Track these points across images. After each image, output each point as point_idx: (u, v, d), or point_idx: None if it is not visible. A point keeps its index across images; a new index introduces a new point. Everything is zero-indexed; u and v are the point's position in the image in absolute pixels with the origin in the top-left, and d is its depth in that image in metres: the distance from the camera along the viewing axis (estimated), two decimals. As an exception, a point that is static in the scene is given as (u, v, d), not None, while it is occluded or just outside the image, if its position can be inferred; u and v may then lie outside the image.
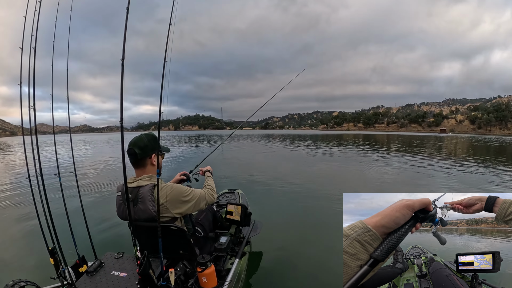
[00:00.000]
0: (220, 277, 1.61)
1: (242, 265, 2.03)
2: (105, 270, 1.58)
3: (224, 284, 1.52)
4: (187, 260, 1.60)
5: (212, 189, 1.80)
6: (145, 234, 1.68)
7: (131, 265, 1.64)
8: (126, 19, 1.25)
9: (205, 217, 2.05)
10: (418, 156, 12.57)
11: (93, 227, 3.71)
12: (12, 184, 7.04)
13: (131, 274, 1.54)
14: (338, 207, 4.12)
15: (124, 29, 1.22)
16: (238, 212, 2.12)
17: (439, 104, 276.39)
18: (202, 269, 1.42)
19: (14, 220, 4.24)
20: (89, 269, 1.55)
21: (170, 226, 1.58)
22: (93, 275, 1.52)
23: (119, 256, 1.73)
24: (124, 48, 1.21)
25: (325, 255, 2.73)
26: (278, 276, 2.37)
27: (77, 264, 1.55)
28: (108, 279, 1.50)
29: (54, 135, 2.05)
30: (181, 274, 1.48)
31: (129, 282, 1.47)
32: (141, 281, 1.31)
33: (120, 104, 1.23)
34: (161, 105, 1.37)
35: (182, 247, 1.69)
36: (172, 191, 1.52)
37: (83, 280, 1.49)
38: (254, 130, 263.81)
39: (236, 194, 3.17)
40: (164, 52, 1.37)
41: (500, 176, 7.52)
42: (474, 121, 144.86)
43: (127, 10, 1.26)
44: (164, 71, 1.37)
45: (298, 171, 8.42)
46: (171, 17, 1.42)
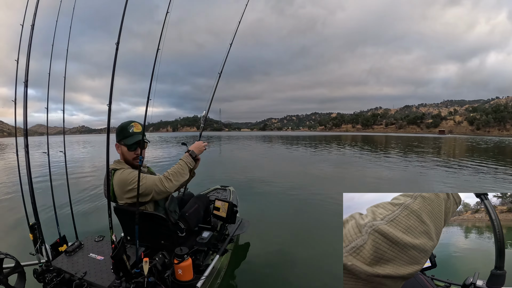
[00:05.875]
0: (198, 272, 1.59)
1: (223, 262, 2.02)
2: (84, 251, 1.60)
3: (200, 279, 1.50)
4: (168, 251, 1.61)
5: (168, 176, 1.57)
6: (124, 219, 1.69)
7: (109, 249, 1.65)
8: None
9: (195, 211, 1.99)
10: (418, 157, 12.60)
11: (78, 209, 3.73)
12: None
13: (108, 258, 1.55)
14: (335, 207, 4.06)
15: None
16: (225, 208, 2.09)
17: (437, 106, 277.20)
18: (178, 261, 1.40)
19: (4, 196, 4.26)
20: (68, 249, 1.56)
21: (149, 213, 1.58)
22: (71, 255, 1.54)
23: (99, 239, 1.74)
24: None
25: (318, 257, 2.62)
26: (261, 275, 2.30)
27: (57, 243, 1.57)
28: (85, 260, 1.52)
29: (48, 110, 2.04)
30: (159, 264, 1.46)
31: (105, 266, 1.48)
32: (114, 266, 1.31)
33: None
34: (149, 96, 1.41)
35: (164, 237, 1.69)
36: (119, 179, 1.54)
37: (61, 259, 1.50)
38: (252, 131, 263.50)
39: (228, 190, 3.17)
40: (159, 40, 1.41)
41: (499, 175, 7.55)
42: (473, 122, 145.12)
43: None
44: (156, 59, 1.41)
45: (297, 171, 8.39)
46: (169, 6, 1.47)
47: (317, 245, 2.91)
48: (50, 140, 2.03)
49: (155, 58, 1.41)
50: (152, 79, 1.41)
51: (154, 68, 1.41)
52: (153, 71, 1.41)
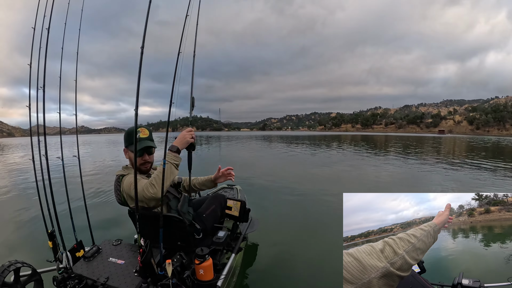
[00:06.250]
0: (216, 271, 1.59)
1: (237, 260, 2.03)
2: (102, 256, 1.57)
3: (219, 278, 1.51)
4: (184, 252, 1.59)
5: (152, 181, 1.41)
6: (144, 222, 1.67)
7: (128, 253, 1.63)
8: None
9: (212, 212, 1.97)
10: (417, 157, 12.59)
11: (93, 214, 3.69)
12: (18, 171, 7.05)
13: (128, 261, 1.53)
14: (336, 206, 4.06)
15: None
16: (237, 207, 2.10)
17: (436, 105, 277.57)
18: (200, 262, 1.41)
19: (18, 204, 4.24)
20: (86, 254, 1.54)
21: (165, 215, 1.57)
22: (90, 260, 1.51)
23: (117, 243, 1.71)
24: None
25: (322, 254, 2.67)
26: (272, 273, 2.34)
27: (75, 248, 1.55)
28: (105, 265, 1.49)
29: (60, 115, 2.01)
30: (178, 265, 1.47)
31: (126, 270, 1.46)
32: (141, 269, 1.31)
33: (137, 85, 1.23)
34: (171, 104, 1.45)
35: (181, 238, 1.68)
36: (125, 184, 1.56)
37: (80, 265, 1.47)
38: (252, 131, 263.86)
39: (235, 189, 3.15)
40: (179, 43, 1.40)
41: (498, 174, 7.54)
42: (473, 121, 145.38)
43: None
44: (178, 61, 1.41)
45: (296, 171, 8.39)
46: (187, 8, 1.49)
47: (318, 243, 2.94)
48: (52, 140, 2.00)
49: (176, 62, 1.41)
50: (174, 84, 1.40)
51: (175, 72, 1.40)
52: (175, 75, 1.40)
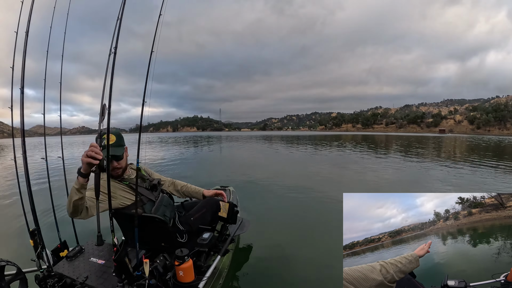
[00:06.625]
0: (200, 273, 1.59)
1: (225, 262, 2.02)
2: (85, 256, 1.59)
3: (201, 280, 1.50)
4: (168, 253, 1.59)
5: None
6: (123, 222, 1.67)
7: (110, 253, 1.64)
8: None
9: (201, 216, 1.97)
10: (417, 157, 12.57)
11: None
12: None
13: (108, 262, 1.55)
14: (335, 207, 4.06)
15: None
16: (226, 209, 2.10)
17: (437, 105, 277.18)
18: (179, 263, 1.41)
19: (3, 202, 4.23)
20: (69, 254, 1.56)
21: (147, 216, 1.57)
22: (72, 260, 1.54)
23: (100, 244, 1.71)
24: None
25: (319, 257, 2.63)
26: (263, 274, 2.31)
27: (58, 248, 1.57)
28: (86, 264, 1.52)
29: (44, 116, 2.03)
30: (160, 266, 1.47)
31: (106, 270, 1.48)
32: (116, 269, 1.31)
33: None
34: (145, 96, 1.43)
35: (164, 239, 1.68)
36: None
37: (62, 264, 1.50)
38: (253, 131, 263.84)
39: (228, 190, 3.15)
40: (152, 42, 1.41)
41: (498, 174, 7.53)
42: (473, 121, 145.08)
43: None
44: (150, 62, 1.43)
45: (296, 171, 8.39)
46: (161, 8, 1.49)
47: (317, 245, 2.92)
48: (52, 141, 2.01)
49: (149, 61, 1.42)
50: (147, 82, 1.40)
51: (148, 71, 1.41)
52: (147, 73, 1.41)
